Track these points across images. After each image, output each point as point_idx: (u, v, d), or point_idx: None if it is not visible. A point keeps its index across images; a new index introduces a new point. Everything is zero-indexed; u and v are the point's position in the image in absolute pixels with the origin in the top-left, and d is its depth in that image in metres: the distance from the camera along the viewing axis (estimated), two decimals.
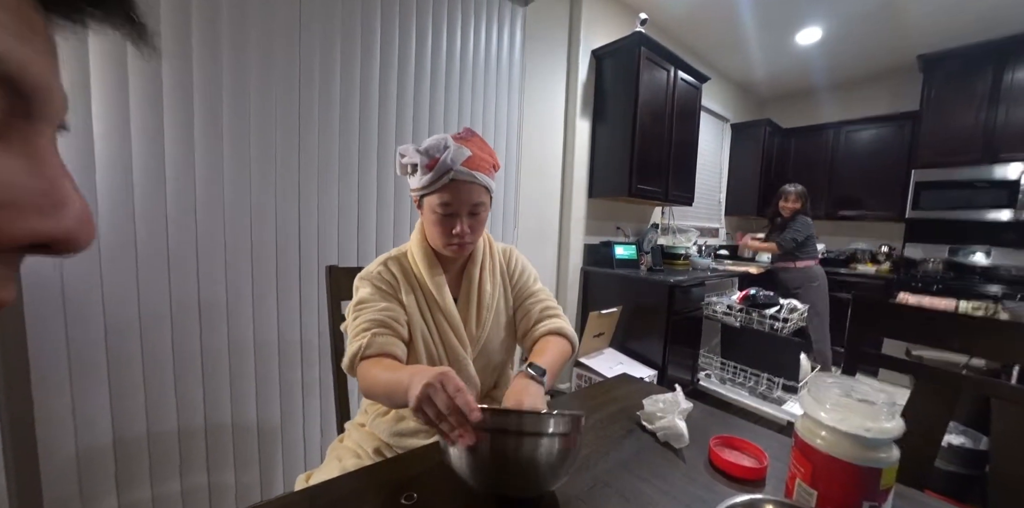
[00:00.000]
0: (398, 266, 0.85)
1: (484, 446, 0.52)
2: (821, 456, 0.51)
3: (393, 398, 0.62)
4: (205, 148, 1.22)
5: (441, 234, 0.78)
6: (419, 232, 0.87)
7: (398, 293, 0.82)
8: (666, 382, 2.22)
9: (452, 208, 0.76)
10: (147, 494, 1.17)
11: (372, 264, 0.86)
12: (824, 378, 0.56)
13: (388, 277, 0.83)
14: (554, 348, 0.82)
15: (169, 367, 1.20)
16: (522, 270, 0.94)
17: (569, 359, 0.86)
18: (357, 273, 0.86)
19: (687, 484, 0.64)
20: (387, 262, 0.85)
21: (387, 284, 0.82)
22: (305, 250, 1.43)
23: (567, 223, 2.39)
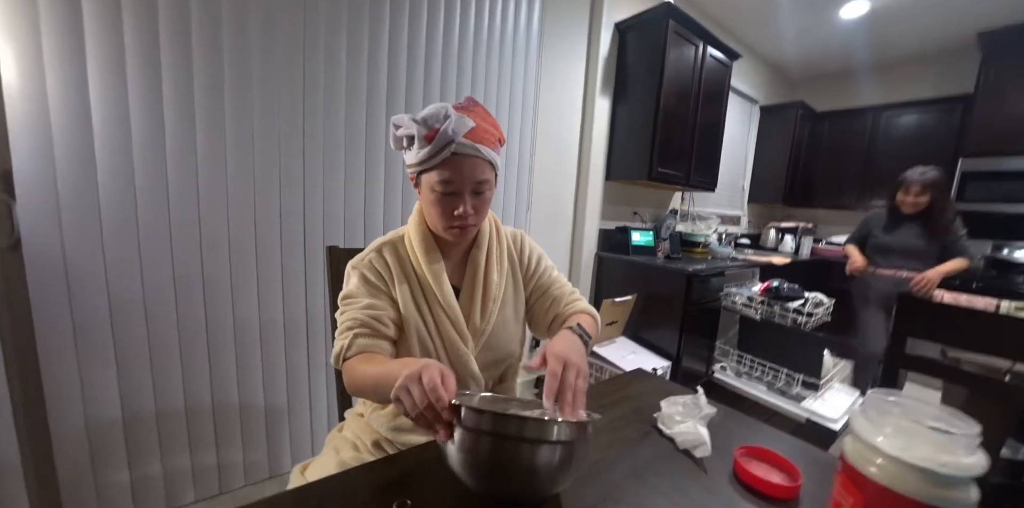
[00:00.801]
0: (393, 253, 0.78)
1: (471, 445, 0.49)
2: (877, 488, 0.45)
3: (380, 393, 0.58)
4: (207, 125, 1.17)
5: (441, 215, 0.71)
6: (417, 214, 0.81)
7: (389, 285, 0.76)
8: (680, 373, 2.16)
9: (453, 186, 0.69)
10: (157, 469, 1.18)
11: (366, 250, 0.80)
12: (883, 396, 0.48)
13: (380, 266, 0.76)
14: (587, 322, 0.77)
15: (175, 346, 1.18)
16: (539, 258, 0.88)
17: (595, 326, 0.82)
18: (357, 254, 0.80)
19: (709, 500, 0.58)
20: (381, 248, 0.79)
21: (377, 275, 0.76)
22: (310, 229, 1.39)
23: (582, 206, 2.30)
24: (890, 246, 2.21)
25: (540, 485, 0.51)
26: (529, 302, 0.87)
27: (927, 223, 2.10)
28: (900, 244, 2.17)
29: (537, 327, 0.87)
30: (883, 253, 2.24)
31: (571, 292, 0.86)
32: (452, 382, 0.51)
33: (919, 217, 2.12)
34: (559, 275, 0.89)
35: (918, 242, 2.12)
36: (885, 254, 2.23)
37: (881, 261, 2.26)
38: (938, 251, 2.08)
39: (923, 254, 2.12)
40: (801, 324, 2.21)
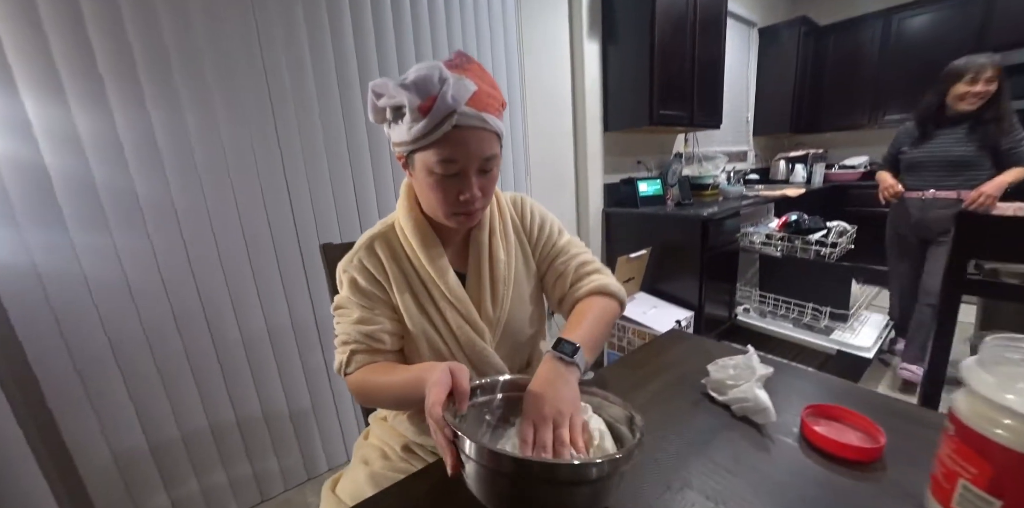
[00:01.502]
0: (385, 247, 0.68)
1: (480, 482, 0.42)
2: (1012, 455, 0.37)
3: (405, 405, 0.51)
4: (171, 143, 1.06)
5: (443, 201, 0.60)
6: (408, 198, 0.69)
7: (386, 287, 0.66)
8: (703, 321, 2.10)
9: (457, 166, 0.57)
10: (195, 487, 1.16)
11: (355, 246, 0.69)
12: (1006, 343, 0.40)
13: (373, 265, 0.66)
14: (594, 313, 0.65)
15: (186, 370, 1.13)
16: (542, 223, 0.76)
17: (616, 318, 0.71)
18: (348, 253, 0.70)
19: (782, 473, 0.51)
20: (372, 243, 0.68)
21: (370, 278, 0.66)
22: (303, 229, 1.30)
23: (583, 162, 2.15)
24: (922, 160, 1.81)
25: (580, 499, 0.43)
26: (540, 272, 0.76)
27: (977, 126, 1.65)
28: (936, 155, 1.76)
29: (550, 303, 0.77)
30: (914, 170, 1.87)
31: (580, 264, 0.73)
32: (466, 383, 0.46)
33: (966, 119, 1.67)
34: (570, 239, 0.76)
35: (962, 149, 1.69)
36: (916, 171, 1.85)
37: (910, 182, 1.90)
38: (988, 160, 1.67)
39: (967, 165, 1.69)
40: (825, 256, 2.11)
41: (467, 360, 0.68)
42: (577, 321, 0.63)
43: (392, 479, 0.65)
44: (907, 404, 0.64)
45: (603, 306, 0.67)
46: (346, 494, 0.64)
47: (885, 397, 0.66)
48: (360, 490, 0.64)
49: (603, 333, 0.64)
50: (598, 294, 0.69)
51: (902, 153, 1.92)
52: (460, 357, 0.67)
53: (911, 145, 1.87)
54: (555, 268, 0.73)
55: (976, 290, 0.87)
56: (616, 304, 0.70)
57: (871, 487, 0.49)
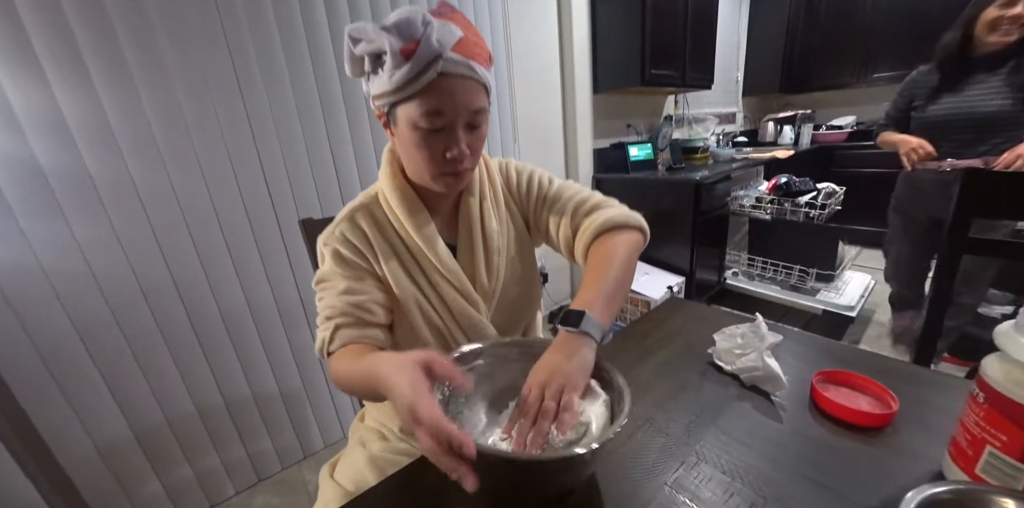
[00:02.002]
0: (369, 219, 0.62)
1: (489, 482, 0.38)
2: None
3: (373, 398, 0.49)
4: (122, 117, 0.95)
5: (429, 161, 0.54)
6: (391, 164, 0.63)
7: (371, 260, 0.61)
8: (694, 287, 2.12)
9: (444, 119, 0.51)
10: (188, 472, 1.14)
11: (336, 219, 0.64)
12: None
13: (356, 237, 0.61)
14: (607, 259, 0.58)
15: (163, 352, 1.07)
16: (529, 178, 0.70)
17: (640, 248, 0.64)
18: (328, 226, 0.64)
19: (797, 442, 0.50)
20: (354, 215, 0.62)
21: (354, 249, 0.60)
22: (280, 205, 1.21)
23: (572, 127, 2.06)
24: (942, 118, 1.36)
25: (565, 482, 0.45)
26: (539, 232, 0.71)
27: (1019, 68, 1.21)
28: (962, 111, 1.31)
29: (563, 255, 0.71)
30: (929, 132, 1.40)
31: (579, 204, 0.66)
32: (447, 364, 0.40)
33: (1002, 59, 1.23)
34: (560, 186, 0.69)
35: (997, 103, 1.24)
36: (932, 133, 1.39)
37: None
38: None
39: (1002, 124, 1.26)
40: (814, 218, 2.11)
41: (462, 333, 0.64)
42: (589, 277, 0.57)
43: (393, 461, 0.63)
44: (917, 367, 0.63)
45: (616, 245, 0.60)
46: (346, 479, 0.62)
47: (895, 360, 0.65)
48: (361, 474, 0.61)
49: (622, 276, 0.57)
50: (606, 232, 0.62)
51: (915, 109, 1.43)
52: (454, 329, 0.64)
53: (927, 98, 1.39)
54: (554, 217, 0.67)
55: (979, 249, 0.86)
56: (632, 234, 0.63)
57: (885, 453, 0.48)
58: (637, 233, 0.64)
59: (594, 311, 0.50)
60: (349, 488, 0.60)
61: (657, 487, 0.45)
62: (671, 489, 0.45)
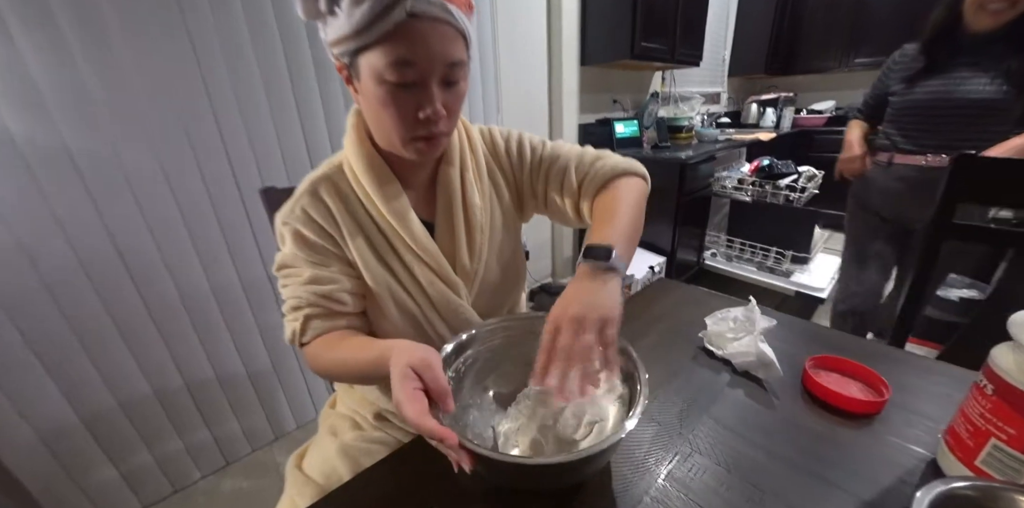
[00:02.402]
0: (333, 192, 0.55)
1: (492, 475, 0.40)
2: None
3: (370, 383, 0.44)
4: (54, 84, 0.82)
5: (398, 122, 0.47)
6: (357, 129, 0.55)
7: (337, 239, 0.54)
8: (675, 267, 2.12)
9: (414, 70, 0.43)
10: (147, 458, 1.08)
11: (295, 193, 0.56)
12: None
13: (319, 214, 0.53)
14: (618, 201, 0.54)
15: (112, 332, 0.98)
16: (519, 143, 0.64)
17: (645, 195, 0.61)
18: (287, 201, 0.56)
19: (795, 432, 0.49)
20: (316, 188, 0.55)
21: (317, 229, 0.53)
22: (242, 173, 1.10)
23: (558, 100, 1.97)
24: (924, 103, 1.20)
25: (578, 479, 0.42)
26: (538, 200, 0.65)
27: (1010, 51, 1.07)
28: (950, 96, 1.15)
29: (571, 224, 0.66)
30: (908, 119, 1.24)
31: (579, 161, 0.61)
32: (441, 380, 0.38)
33: (992, 42, 1.09)
34: (553, 146, 0.64)
35: (988, 89, 1.10)
36: (911, 121, 1.24)
37: (900, 138, 1.26)
38: (1021, 107, 1.10)
39: (990, 113, 1.12)
40: (793, 201, 2.13)
41: (440, 318, 0.59)
42: (602, 218, 0.53)
43: (366, 451, 0.59)
44: (908, 353, 0.62)
45: (624, 190, 0.56)
46: (315, 471, 0.57)
47: (886, 346, 0.64)
48: (331, 465, 0.57)
49: (636, 220, 0.54)
50: (613, 180, 0.58)
51: (894, 94, 1.27)
52: (432, 315, 0.58)
53: (908, 81, 1.23)
54: (554, 178, 0.61)
55: (962, 236, 0.86)
56: (637, 180, 0.60)
57: (879, 441, 0.47)
58: (641, 180, 0.61)
59: (620, 247, 0.46)
60: (319, 480, 0.55)
61: (651, 481, 0.43)
62: (665, 483, 0.43)
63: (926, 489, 0.32)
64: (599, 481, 0.43)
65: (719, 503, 0.40)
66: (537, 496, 0.42)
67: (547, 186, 0.63)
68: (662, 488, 0.42)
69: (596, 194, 0.58)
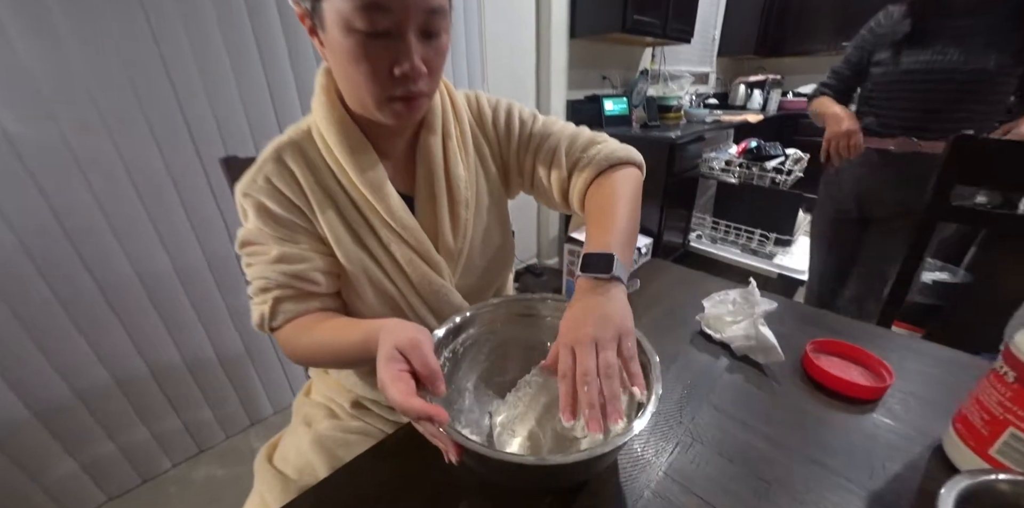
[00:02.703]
0: (299, 159, 0.49)
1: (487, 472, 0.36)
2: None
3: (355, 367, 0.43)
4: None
5: (371, 79, 0.41)
6: (327, 90, 0.49)
7: (306, 213, 0.49)
8: (661, 248, 2.11)
9: (389, 17, 0.37)
10: (110, 448, 1.01)
11: (257, 161, 0.49)
12: None
13: (285, 185, 0.47)
14: (614, 196, 0.50)
15: (62, 319, 0.89)
16: (508, 114, 0.58)
17: (640, 185, 0.55)
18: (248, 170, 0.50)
19: (797, 417, 0.46)
20: (281, 155, 0.48)
21: (283, 200, 0.47)
22: (204, 142, 1.00)
23: (546, 74, 1.89)
24: (922, 76, 1.02)
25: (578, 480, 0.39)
26: (524, 178, 0.60)
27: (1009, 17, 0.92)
28: (945, 66, 0.98)
29: (556, 206, 0.61)
30: (898, 92, 1.07)
31: (571, 143, 0.56)
32: (430, 360, 0.35)
33: (991, 4, 0.94)
34: (544, 122, 0.59)
35: (991, 58, 0.94)
36: (901, 94, 1.06)
37: (875, 118, 1.11)
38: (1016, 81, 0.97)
39: (988, 85, 0.97)
40: (780, 183, 2.13)
41: (422, 301, 0.54)
42: (599, 218, 0.48)
43: (343, 442, 0.54)
44: (908, 337, 0.61)
45: (622, 183, 0.52)
46: (288, 465, 0.53)
47: (886, 330, 0.63)
48: (305, 459, 0.53)
49: (634, 218, 0.50)
50: (609, 169, 0.54)
51: (877, 63, 1.08)
52: (412, 297, 0.53)
53: (896, 49, 1.04)
54: (543, 158, 0.57)
55: (957, 218, 0.85)
56: (634, 171, 0.55)
57: (883, 428, 0.45)
58: (637, 169, 0.56)
59: (620, 252, 0.42)
60: (292, 476, 0.51)
61: (652, 474, 0.40)
62: (667, 475, 0.40)
63: (951, 483, 0.29)
64: (598, 477, 0.40)
65: (724, 496, 0.38)
66: (532, 497, 0.38)
67: (535, 164, 0.58)
68: (664, 481, 0.39)
69: (589, 183, 0.54)
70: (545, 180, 0.57)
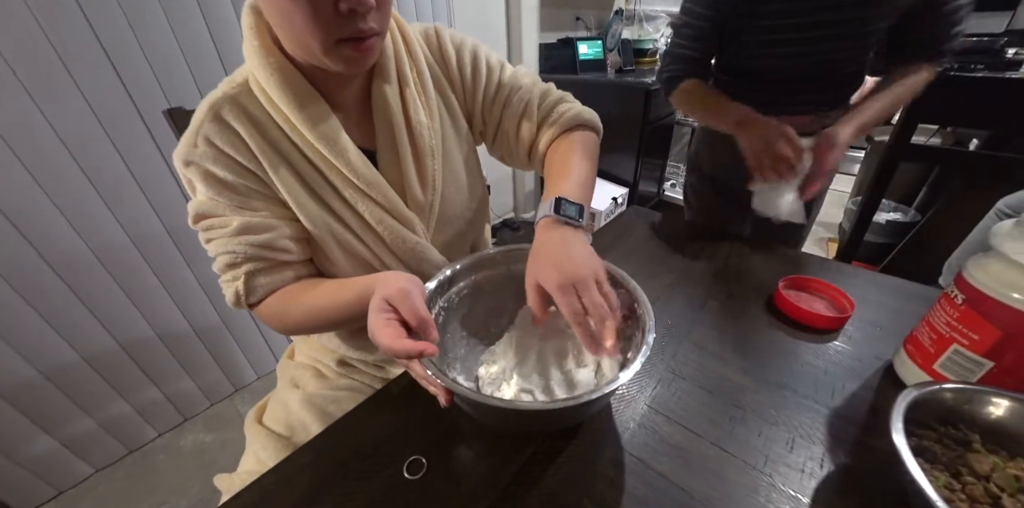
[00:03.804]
0: (241, 116, 0.43)
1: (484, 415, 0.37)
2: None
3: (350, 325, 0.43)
4: None
5: (312, 18, 0.35)
6: (257, 32, 0.42)
7: (259, 177, 0.44)
8: (636, 198, 2.12)
9: None
10: (89, 424, 1.00)
11: (192, 123, 0.43)
12: None
13: (230, 146, 0.42)
14: (578, 155, 0.51)
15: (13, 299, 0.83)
16: (474, 58, 0.54)
17: (597, 151, 0.56)
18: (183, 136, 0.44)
19: (770, 352, 0.49)
20: (219, 112, 0.42)
21: (232, 165, 0.43)
22: (141, 96, 0.90)
23: (516, 14, 1.75)
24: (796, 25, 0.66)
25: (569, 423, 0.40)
26: (487, 127, 0.57)
27: None
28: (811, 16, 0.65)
29: (516, 161, 0.60)
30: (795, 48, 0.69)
31: (541, 97, 0.55)
32: (420, 309, 0.35)
33: None
34: (514, 73, 0.56)
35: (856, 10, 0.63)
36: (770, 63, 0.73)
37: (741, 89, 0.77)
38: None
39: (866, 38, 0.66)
40: None
41: (397, 260, 0.52)
42: (562, 170, 0.49)
43: (333, 399, 0.55)
44: (876, 273, 0.64)
45: (583, 143, 0.53)
46: (279, 424, 0.53)
47: (849, 267, 0.66)
48: (296, 417, 0.53)
49: (592, 178, 0.51)
50: (575, 129, 0.55)
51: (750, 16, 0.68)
52: (387, 258, 0.51)
53: None
54: (511, 111, 0.55)
55: (916, 157, 0.88)
56: (593, 135, 0.57)
57: (843, 353, 0.49)
58: (595, 135, 0.58)
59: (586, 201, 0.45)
60: (283, 433, 0.52)
61: (636, 408, 0.42)
62: (651, 407, 0.42)
63: (904, 394, 0.32)
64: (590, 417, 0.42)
65: (703, 422, 0.41)
66: (525, 437, 0.40)
67: (502, 115, 0.55)
68: (648, 414, 0.42)
69: (554, 139, 0.54)
70: (513, 132, 0.55)
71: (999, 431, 0.32)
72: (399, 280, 0.37)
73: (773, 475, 0.36)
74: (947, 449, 0.32)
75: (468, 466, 0.37)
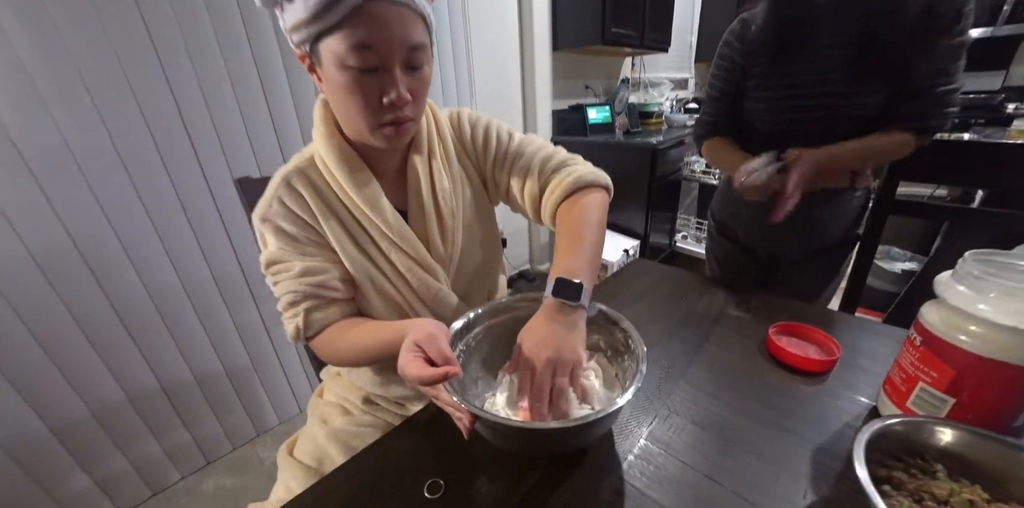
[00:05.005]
0: (306, 184, 0.55)
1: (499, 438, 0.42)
2: (973, 359, 0.39)
3: (385, 361, 0.47)
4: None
5: (364, 108, 0.47)
6: (325, 122, 0.55)
7: (318, 230, 0.55)
8: (648, 249, 2.19)
9: (376, 55, 0.44)
10: (122, 463, 1.05)
11: (268, 189, 0.55)
12: (985, 257, 0.41)
13: (297, 206, 0.54)
14: (583, 221, 0.54)
15: (78, 339, 0.94)
16: (486, 131, 0.64)
17: (607, 207, 0.61)
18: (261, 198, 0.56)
19: (761, 392, 0.53)
20: (289, 181, 0.55)
21: (298, 221, 0.54)
22: (209, 166, 1.07)
23: (531, 85, 1.97)
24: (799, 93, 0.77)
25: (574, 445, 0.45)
26: (498, 189, 0.66)
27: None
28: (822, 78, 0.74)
29: (526, 215, 0.67)
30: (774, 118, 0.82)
31: (543, 163, 0.61)
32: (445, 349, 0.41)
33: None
34: (521, 141, 0.64)
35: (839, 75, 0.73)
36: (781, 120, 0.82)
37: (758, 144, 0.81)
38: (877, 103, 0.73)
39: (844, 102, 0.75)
40: None
41: (422, 303, 0.60)
42: (567, 241, 0.53)
43: (357, 434, 0.60)
44: (859, 318, 0.68)
45: (588, 207, 0.57)
46: (307, 456, 0.58)
47: (841, 314, 0.70)
48: (322, 450, 0.58)
49: (598, 242, 0.55)
50: (578, 191, 0.59)
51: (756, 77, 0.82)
52: (414, 301, 0.60)
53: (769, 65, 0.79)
54: (517, 176, 0.62)
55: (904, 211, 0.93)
56: (601, 193, 0.61)
57: (831, 394, 0.52)
58: (605, 192, 0.62)
59: (586, 279, 0.48)
60: (312, 465, 0.57)
61: (634, 441, 0.47)
62: (647, 442, 0.46)
63: (865, 428, 0.36)
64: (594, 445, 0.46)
65: (696, 456, 0.44)
66: (534, 464, 0.44)
67: (509, 180, 0.64)
68: (644, 447, 0.46)
69: (559, 203, 0.59)
70: (518, 194, 0.64)
71: (960, 459, 0.35)
72: (427, 326, 0.43)
73: (759, 505, 0.39)
74: (912, 477, 0.35)
75: (482, 487, 0.42)
